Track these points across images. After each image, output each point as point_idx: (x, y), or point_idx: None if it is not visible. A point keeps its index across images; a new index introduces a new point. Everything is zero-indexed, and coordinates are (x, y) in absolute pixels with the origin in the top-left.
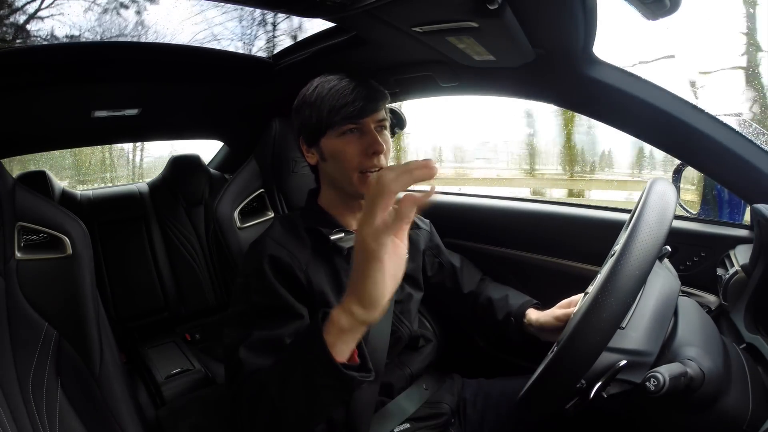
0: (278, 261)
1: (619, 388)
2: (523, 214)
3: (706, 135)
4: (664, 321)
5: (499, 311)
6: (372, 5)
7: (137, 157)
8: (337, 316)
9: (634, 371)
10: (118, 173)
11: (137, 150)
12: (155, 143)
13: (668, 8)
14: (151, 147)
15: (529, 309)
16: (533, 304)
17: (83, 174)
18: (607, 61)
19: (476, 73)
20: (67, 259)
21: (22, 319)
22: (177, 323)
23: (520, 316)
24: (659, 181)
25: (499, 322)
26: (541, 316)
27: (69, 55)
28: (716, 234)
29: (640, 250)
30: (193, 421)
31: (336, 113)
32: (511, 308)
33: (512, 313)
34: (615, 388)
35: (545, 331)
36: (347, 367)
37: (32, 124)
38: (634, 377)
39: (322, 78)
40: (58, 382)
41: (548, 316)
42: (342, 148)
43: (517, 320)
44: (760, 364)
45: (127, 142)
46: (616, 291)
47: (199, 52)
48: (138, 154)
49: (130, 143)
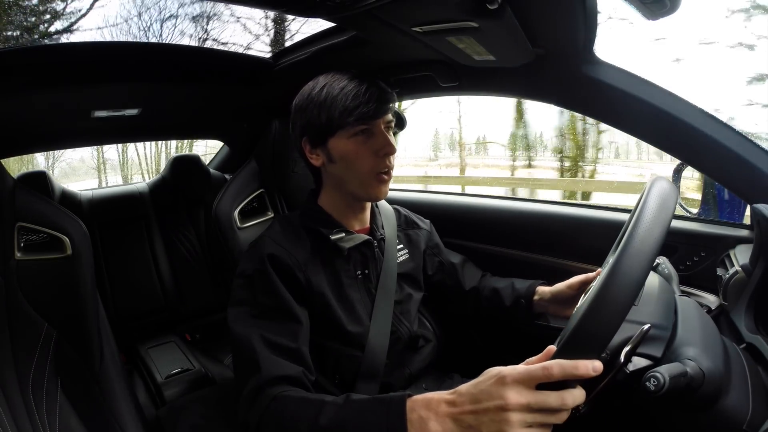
0: (278, 260)
1: (642, 362)
2: (523, 214)
3: (706, 135)
4: (670, 299)
5: (507, 298)
6: (372, 5)
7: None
8: (431, 424)
9: (654, 344)
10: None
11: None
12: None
13: (668, 8)
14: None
15: (538, 287)
16: (540, 283)
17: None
18: (608, 60)
19: (476, 73)
20: (67, 259)
21: (22, 319)
22: (177, 323)
23: (530, 296)
24: (660, 180)
25: (508, 308)
26: (554, 287)
27: (69, 55)
28: (716, 234)
29: (645, 234)
30: (193, 421)
31: (350, 114)
32: (519, 292)
33: (522, 295)
34: (637, 364)
35: (557, 303)
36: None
37: (32, 124)
38: (655, 351)
39: (328, 76)
40: (58, 382)
41: (561, 285)
42: (353, 150)
43: (527, 300)
44: (760, 364)
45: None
46: (629, 267)
47: (198, 52)
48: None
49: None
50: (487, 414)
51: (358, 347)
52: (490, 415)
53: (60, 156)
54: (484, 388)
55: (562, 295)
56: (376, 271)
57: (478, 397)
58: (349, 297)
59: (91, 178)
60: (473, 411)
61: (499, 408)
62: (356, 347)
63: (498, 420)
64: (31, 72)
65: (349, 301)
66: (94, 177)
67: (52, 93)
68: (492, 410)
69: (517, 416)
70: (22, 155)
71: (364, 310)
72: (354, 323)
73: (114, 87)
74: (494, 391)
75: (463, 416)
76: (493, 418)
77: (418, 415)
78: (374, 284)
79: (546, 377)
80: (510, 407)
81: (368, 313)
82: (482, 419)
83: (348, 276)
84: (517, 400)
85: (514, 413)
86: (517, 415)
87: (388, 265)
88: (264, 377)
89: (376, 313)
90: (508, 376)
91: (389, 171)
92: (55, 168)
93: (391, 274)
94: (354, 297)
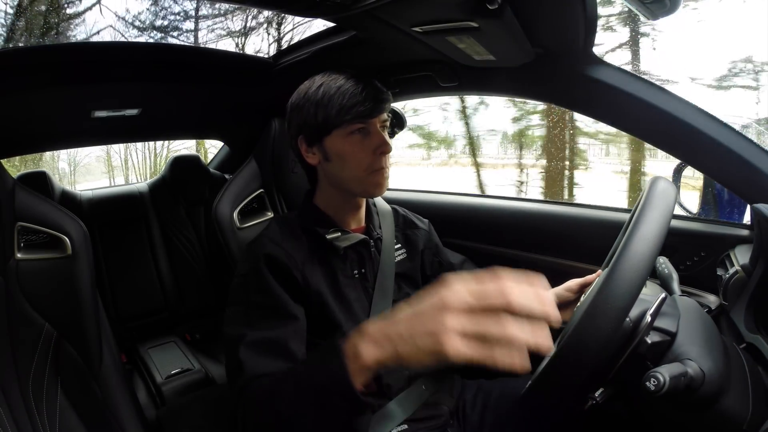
0: (275, 260)
1: (659, 337)
2: (523, 214)
3: (706, 135)
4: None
5: None
6: (372, 5)
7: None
8: (366, 353)
9: (669, 318)
10: None
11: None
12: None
13: (668, 8)
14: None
15: None
16: None
17: None
18: (607, 60)
19: (476, 73)
20: (67, 259)
21: (22, 319)
22: (177, 323)
23: None
24: (660, 180)
25: None
26: (551, 291)
27: (69, 55)
28: (716, 234)
29: (645, 234)
30: (193, 421)
31: (346, 112)
32: None
33: None
34: (655, 337)
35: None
36: (365, 393)
37: (32, 124)
38: (670, 326)
39: (325, 76)
40: (58, 382)
41: (559, 288)
42: (350, 149)
43: None
44: (760, 364)
45: (127, 142)
46: (629, 267)
47: (199, 52)
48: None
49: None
50: (422, 319)
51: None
52: (425, 320)
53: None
54: (428, 297)
55: (559, 299)
56: (373, 271)
57: (417, 308)
58: (347, 296)
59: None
60: (408, 320)
61: (439, 309)
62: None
63: (433, 325)
64: (31, 72)
65: (346, 301)
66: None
67: (52, 93)
68: (429, 315)
69: (456, 320)
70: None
71: (361, 310)
72: (351, 322)
73: (114, 87)
74: (435, 297)
75: (397, 328)
76: (428, 324)
77: (353, 345)
78: (371, 284)
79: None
80: (450, 306)
81: (366, 313)
82: (417, 325)
83: (345, 275)
84: (458, 297)
85: (453, 316)
86: (456, 319)
87: (386, 264)
88: (247, 376)
89: (374, 312)
90: (454, 282)
91: (385, 169)
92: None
93: (388, 273)
94: (351, 296)
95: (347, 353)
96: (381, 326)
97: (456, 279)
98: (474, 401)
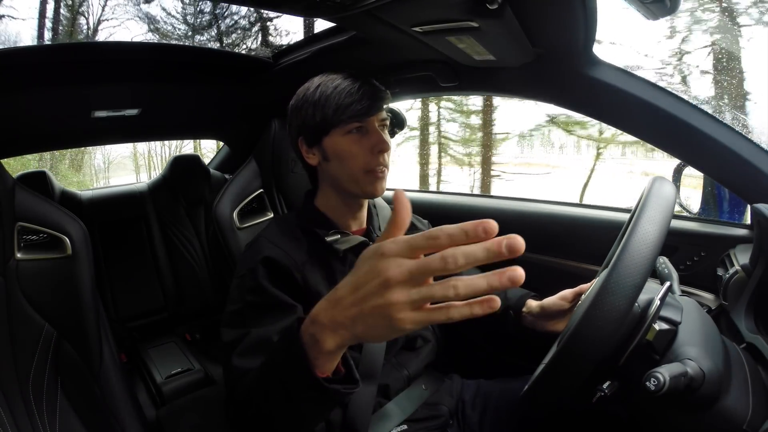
0: (274, 262)
1: (666, 325)
2: (523, 214)
3: (706, 135)
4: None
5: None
6: (372, 5)
7: None
8: (323, 339)
9: (674, 310)
10: None
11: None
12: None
13: (668, 8)
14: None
15: (528, 299)
16: (531, 295)
17: None
18: (607, 60)
19: (476, 73)
20: (67, 259)
21: (22, 319)
22: (177, 323)
23: (520, 308)
24: (659, 180)
25: (498, 316)
26: (545, 300)
27: (69, 55)
28: (716, 234)
29: (645, 234)
30: (193, 421)
31: (343, 112)
32: (509, 301)
33: (511, 306)
34: (662, 324)
35: (546, 318)
36: (331, 380)
37: (32, 124)
38: (675, 316)
39: (323, 77)
40: (58, 382)
41: (553, 297)
42: (348, 148)
43: (516, 312)
44: (760, 364)
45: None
46: (630, 267)
47: (199, 52)
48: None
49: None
50: (368, 300)
51: (356, 348)
52: (371, 300)
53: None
54: (363, 269)
55: (553, 308)
56: None
57: (357, 283)
58: None
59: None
60: (354, 303)
61: (381, 286)
62: (354, 348)
63: (381, 304)
64: (32, 72)
65: None
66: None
67: (53, 93)
68: (374, 293)
69: (401, 294)
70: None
71: None
72: None
73: (114, 87)
74: (373, 268)
75: (346, 313)
76: (375, 303)
77: (309, 334)
78: None
79: (431, 246)
80: (391, 281)
81: None
82: (364, 307)
83: (344, 277)
84: (399, 271)
85: (397, 290)
86: (401, 293)
87: None
88: (234, 376)
89: None
90: (387, 249)
91: (384, 168)
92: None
93: None
94: None
95: (305, 341)
96: (329, 312)
97: (390, 244)
98: (474, 401)
